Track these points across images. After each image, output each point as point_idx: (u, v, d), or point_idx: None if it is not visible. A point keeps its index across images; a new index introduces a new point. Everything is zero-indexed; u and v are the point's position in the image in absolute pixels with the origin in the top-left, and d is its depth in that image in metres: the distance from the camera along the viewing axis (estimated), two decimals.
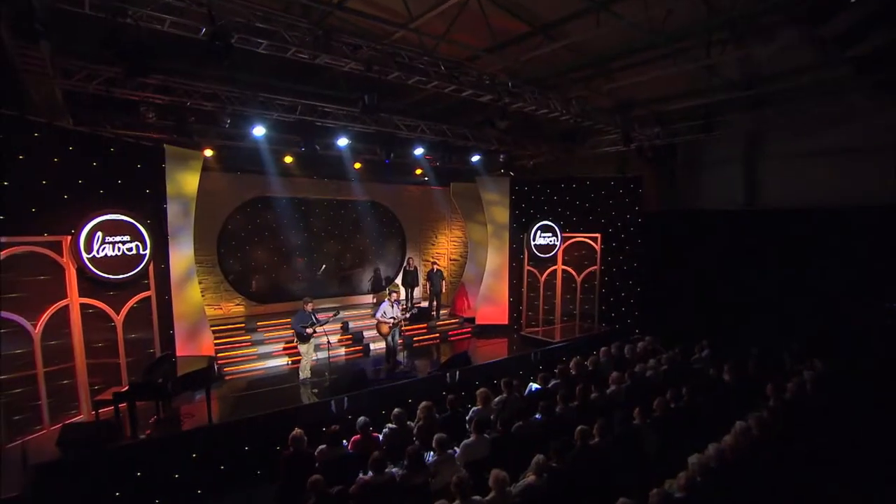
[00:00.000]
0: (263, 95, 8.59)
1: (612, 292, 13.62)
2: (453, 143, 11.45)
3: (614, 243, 13.60)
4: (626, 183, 13.36)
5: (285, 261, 12.92)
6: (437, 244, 15.81)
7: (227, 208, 11.86)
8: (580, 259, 13.93)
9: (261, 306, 12.29)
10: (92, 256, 7.15)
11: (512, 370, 10.00)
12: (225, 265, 11.89)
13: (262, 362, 10.10)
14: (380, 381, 8.87)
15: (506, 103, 7.96)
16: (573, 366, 8.81)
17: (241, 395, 8.51)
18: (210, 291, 11.62)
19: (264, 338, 10.81)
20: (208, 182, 11.23)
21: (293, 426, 6.83)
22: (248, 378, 9.52)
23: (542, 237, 13.57)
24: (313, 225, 13.35)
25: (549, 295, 14.06)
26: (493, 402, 7.24)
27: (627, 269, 13.43)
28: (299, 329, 8.78)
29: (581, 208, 13.77)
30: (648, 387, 8.17)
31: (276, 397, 8.42)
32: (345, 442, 5.93)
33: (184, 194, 8.72)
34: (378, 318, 9.81)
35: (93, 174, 7.35)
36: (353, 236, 14.11)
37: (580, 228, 13.88)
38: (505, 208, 13.56)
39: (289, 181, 12.49)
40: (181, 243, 8.68)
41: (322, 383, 8.83)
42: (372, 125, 9.96)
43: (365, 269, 14.41)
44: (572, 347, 11.45)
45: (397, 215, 14.87)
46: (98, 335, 7.40)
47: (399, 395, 8.06)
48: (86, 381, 7.21)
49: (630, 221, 13.36)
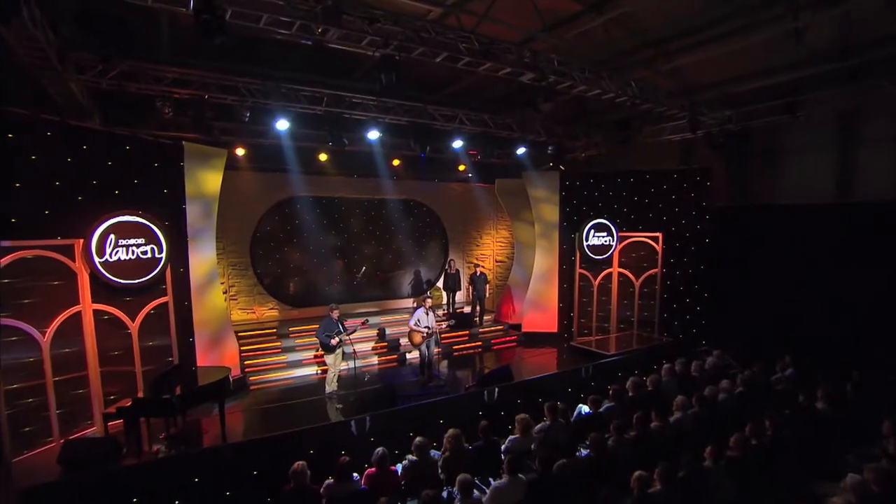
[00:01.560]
0: (286, 86, 8.00)
1: (674, 298, 12.17)
2: (495, 134, 10.50)
3: (677, 243, 12.14)
4: (692, 175, 11.89)
5: (322, 263, 12.41)
6: (482, 245, 14.86)
7: (261, 209, 11.47)
8: (639, 261, 12.57)
9: (295, 310, 11.83)
10: (104, 261, 6.77)
11: (559, 388, 8.92)
12: (259, 268, 11.51)
13: (291, 371, 9.57)
14: (410, 397, 8.07)
15: (550, 83, 6.91)
16: (630, 386, 7.63)
17: (262, 409, 7.96)
18: (243, 295, 11.27)
19: (295, 344, 10.30)
20: (240, 182, 10.92)
21: (307, 449, 6.23)
22: (274, 388, 9.00)
23: (595, 237, 12.32)
24: (350, 225, 12.77)
25: (604, 301, 12.78)
26: (535, 429, 6.25)
27: (693, 272, 11.94)
28: (324, 339, 8.13)
29: (640, 205, 12.39)
30: (722, 415, 6.92)
31: (298, 412, 7.82)
32: (357, 476, 5.14)
33: (205, 194, 8.28)
34: (411, 325, 9.01)
35: (108, 174, 6.97)
36: (393, 237, 13.42)
37: (639, 227, 12.51)
38: (554, 206, 12.42)
39: (324, 180, 11.98)
40: (202, 246, 8.25)
41: (348, 397, 8.14)
42: (404, 116, 9.18)
43: (405, 271, 13.70)
44: (629, 362, 10.19)
45: (439, 215, 14.05)
46: (113, 343, 7.03)
47: (429, 415, 7.21)
48: (100, 391, 6.84)
49: (696, 219, 11.87)
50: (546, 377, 8.98)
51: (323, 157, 11.44)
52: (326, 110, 8.49)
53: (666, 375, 8.18)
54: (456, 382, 9.37)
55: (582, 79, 7.34)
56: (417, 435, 7.03)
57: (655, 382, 7.86)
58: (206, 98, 7.59)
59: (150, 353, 7.37)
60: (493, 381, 8.47)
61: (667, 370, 8.26)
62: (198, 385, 6.95)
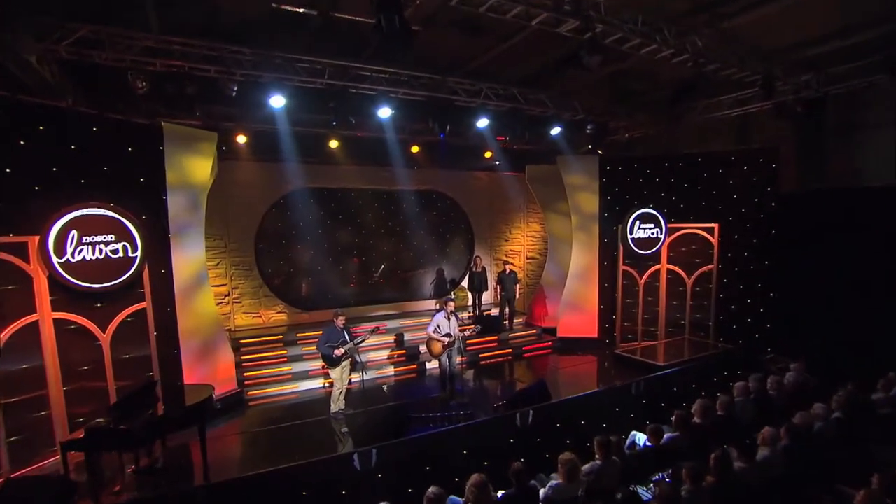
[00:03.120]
0: (281, 55, 6.84)
1: (733, 298, 10.58)
2: (526, 111, 9.14)
3: (736, 235, 10.53)
4: (755, 156, 10.26)
5: (336, 262, 11.28)
6: (512, 240, 13.49)
7: (265, 203, 10.41)
8: (690, 256, 11.01)
9: (306, 314, 10.75)
10: (65, 261, 5.74)
11: (605, 408, 7.55)
12: (264, 268, 10.46)
13: (296, 384, 8.46)
14: (428, 419, 6.83)
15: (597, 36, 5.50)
16: (697, 410, 6.17)
17: (256, 433, 6.85)
18: (248, 297, 10.24)
19: (302, 353, 9.19)
20: (242, 173, 9.90)
21: (301, 490, 5.09)
22: (275, 405, 7.91)
23: (641, 229, 10.81)
24: (366, 220, 11.59)
25: (650, 301, 11.26)
26: (583, 471, 4.92)
27: (755, 269, 10.32)
28: (326, 350, 6.96)
29: (691, 192, 10.83)
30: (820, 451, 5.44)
31: (298, 437, 6.67)
32: None
33: (191, 184, 7.21)
34: (429, 333, 7.77)
35: (70, 159, 5.95)
36: (413, 233, 12.18)
37: (690, 217, 10.95)
38: (593, 194, 10.96)
39: (335, 170, 10.84)
40: (188, 243, 7.18)
41: (356, 419, 6.97)
42: (420, 90, 7.93)
43: (426, 270, 12.46)
44: (687, 375, 8.71)
45: (463, 207, 12.74)
46: (80, 356, 6.01)
47: (449, 444, 5.97)
48: (64, 414, 5.84)
49: (759, 206, 10.23)
50: (590, 395, 7.60)
51: (333, 144, 10.31)
52: (328, 83, 7.31)
53: (739, 395, 6.69)
54: (482, 399, 8.09)
55: (636, 32, 5.91)
56: (434, 468, 5.78)
57: (727, 405, 6.38)
58: (187, 70, 6.48)
59: (125, 368, 6.33)
60: (527, 400, 7.17)
61: (740, 389, 6.76)
62: (185, 404, 5.90)
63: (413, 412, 6.95)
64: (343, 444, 6.38)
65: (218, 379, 7.50)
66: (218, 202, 9.66)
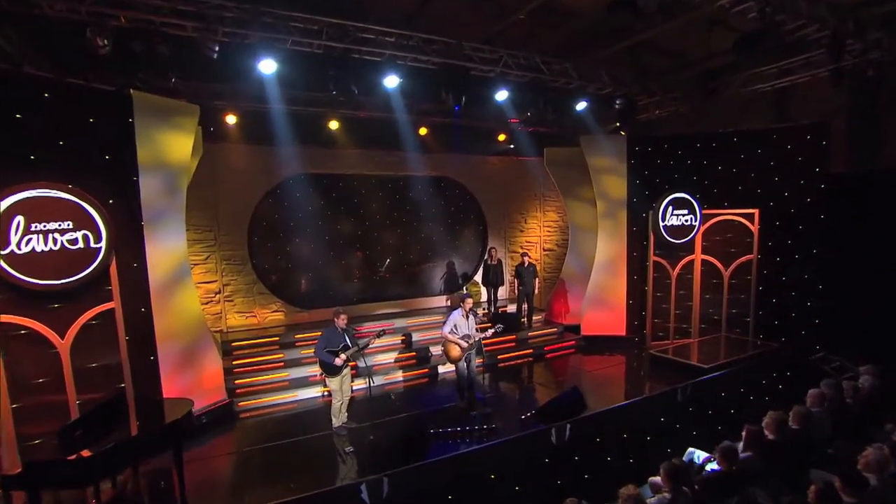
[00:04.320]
0: (270, 11, 5.82)
1: (774, 291, 9.57)
2: (549, 83, 8.13)
3: (778, 221, 9.51)
4: (801, 134, 9.21)
5: (337, 255, 10.28)
6: (527, 230, 12.47)
7: (259, 190, 9.39)
8: (726, 245, 10.00)
9: (304, 313, 9.76)
10: (9, 252, 4.77)
11: (649, 418, 6.58)
12: (258, 262, 9.46)
13: (294, 392, 7.47)
14: (448, 435, 5.85)
15: None
16: (769, 425, 5.17)
17: (246, 454, 5.87)
18: (241, 295, 9.25)
19: (300, 356, 8.22)
20: (233, 157, 8.93)
21: None
22: (269, 417, 6.93)
23: (675, 215, 9.79)
24: (370, 210, 10.57)
25: (682, 295, 10.26)
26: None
27: (800, 258, 9.29)
28: (324, 357, 5.96)
29: (726, 175, 9.84)
30: None
31: (295, 456, 5.70)
32: None
33: (168, 164, 6.20)
34: (445, 334, 6.76)
35: (17, 132, 4.97)
36: (421, 223, 11.17)
37: (724, 203, 9.93)
38: (621, 178, 9.93)
39: (336, 154, 9.84)
40: (166, 233, 6.18)
41: (363, 433, 5.99)
42: (432, 56, 6.90)
43: (435, 264, 11.45)
44: (734, 378, 7.75)
45: (475, 195, 11.70)
46: (33, 367, 5.06)
47: (473, 467, 5.00)
48: (12, 436, 4.87)
49: (805, 189, 9.20)
50: (632, 404, 6.60)
51: (334, 125, 9.34)
52: (326, 46, 6.29)
53: (814, 405, 5.69)
54: (506, 408, 7.10)
55: None
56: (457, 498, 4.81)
57: (803, 418, 5.38)
58: (158, 26, 5.47)
59: (90, 379, 5.37)
60: (560, 411, 6.19)
61: (814, 398, 5.74)
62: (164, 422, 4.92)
63: (429, 426, 5.98)
64: (348, 466, 5.39)
65: (204, 389, 6.54)
66: (206, 190, 8.71)
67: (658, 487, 4.69)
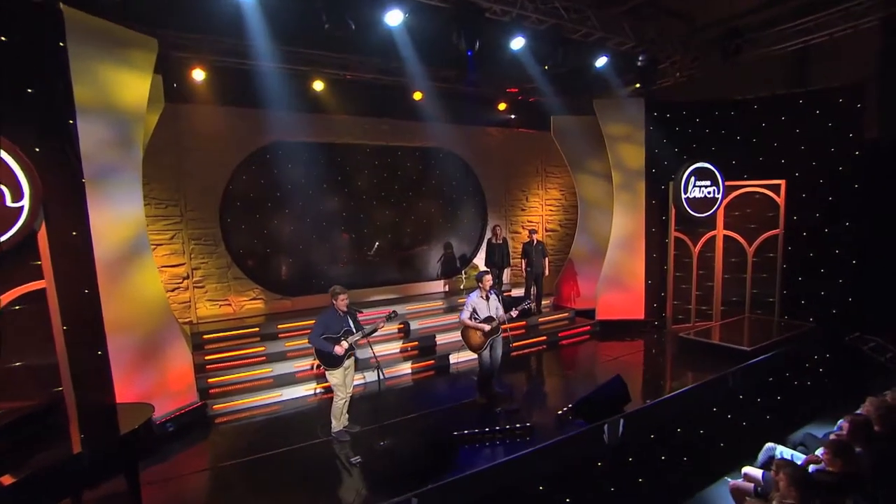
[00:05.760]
0: None
1: (801, 268, 8.89)
2: (570, 32, 7.14)
3: (804, 194, 8.79)
4: (831, 98, 8.48)
5: (322, 237, 9.07)
6: (528, 209, 11.47)
7: (233, 160, 8.09)
8: (748, 219, 9.26)
9: (287, 301, 8.54)
10: None
11: (699, 407, 5.67)
12: (233, 242, 8.19)
13: (278, 392, 6.28)
14: (475, 437, 4.80)
15: None
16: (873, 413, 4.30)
17: (222, 470, 4.69)
18: (213, 280, 7.98)
19: (285, 349, 7.05)
20: (201, 120, 7.68)
21: None
22: (251, 421, 5.73)
23: (697, 187, 8.97)
24: (359, 185, 9.38)
25: (703, 275, 9.46)
26: None
27: (830, 231, 8.58)
28: (321, 345, 4.82)
29: (745, 144, 9.13)
30: None
31: (286, 470, 4.56)
32: None
33: (117, 109, 4.92)
34: (464, 320, 5.71)
35: None
36: (415, 200, 10.04)
37: (744, 175, 9.16)
38: (639, 146, 9.01)
39: (321, 119, 8.61)
40: (118, 195, 4.91)
41: (368, 439, 4.88)
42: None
43: (431, 246, 10.35)
44: (778, 361, 6.95)
45: (474, 169, 10.63)
46: None
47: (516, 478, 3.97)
48: None
49: (837, 158, 8.48)
50: (682, 394, 5.66)
51: (319, 86, 8.16)
52: None
53: None
54: (533, 403, 6.10)
55: None
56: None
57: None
58: None
59: (14, 383, 4.11)
60: (604, 405, 5.20)
61: None
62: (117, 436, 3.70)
63: (451, 428, 4.91)
64: (357, 482, 4.29)
65: (170, 390, 5.33)
66: (169, 156, 7.44)
67: (754, 479, 3.91)
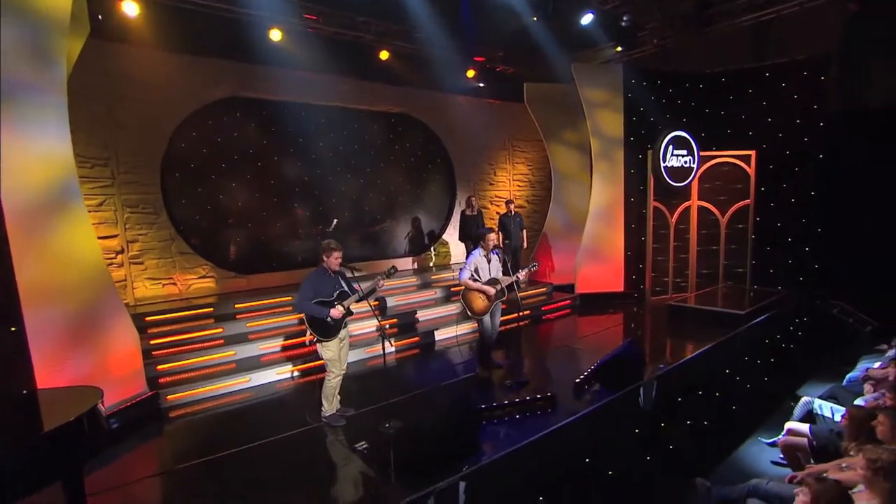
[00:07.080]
0: None
1: (770, 238, 9.03)
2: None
3: (772, 165, 8.92)
4: (796, 70, 8.61)
5: (279, 209, 8.07)
6: (496, 183, 10.96)
7: (178, 114, 6.92)
8: (720, 190, 9.27)
9: (242, 279, 7.50)
10: None
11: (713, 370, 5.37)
12: (177, 212, 7.04)
13: (244, 377, 5.31)
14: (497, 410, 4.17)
15: None
16: None
17: (181, 473, 3.75)
18: (153, 256, 6.78)
19: (247, 330, 6.07)
20: (137, 66, 6.54)
21: None
22: (212, 413, 4.75)
23: (675, 156, 8.83)
24: (319, 150, 8.43)
25: (679, 246, 9.37)
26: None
27: (797, 202, 8.74)
28: (312, 310, 4.00)
29: (716, 116, 9.17)
30: None
31: (267, 470, 3.70)
32: None
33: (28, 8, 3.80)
34: (465, 281, 5.08)
35: None
36: (380, 170, 9.22)
37: (714, 145, 9.19)
38: (617, 113, 8.70)
39: (278, 74, 7.58)
40: (33, 123, 3.80)
41: (367, 423, 4.12)
42: None
43: (398, 221, 9.58)
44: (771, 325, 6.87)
45: (443, 140, 9.95)
46: None
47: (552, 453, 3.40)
48: None
49: (802, 129, 8.63)
50: (697, 357, 5.31)
51: (276, 35, 7.17)
52: None
53: None
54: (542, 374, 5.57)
55: None
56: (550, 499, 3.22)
57: None
58: None
59: None
60: (622, 370, 4.75)
61: None
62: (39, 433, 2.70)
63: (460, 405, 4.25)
64: (370, 474, 3.53)
65: (112, 377, 4.26)
66: (97, 104, 6.22)
67: (802, 433, 3.70)
